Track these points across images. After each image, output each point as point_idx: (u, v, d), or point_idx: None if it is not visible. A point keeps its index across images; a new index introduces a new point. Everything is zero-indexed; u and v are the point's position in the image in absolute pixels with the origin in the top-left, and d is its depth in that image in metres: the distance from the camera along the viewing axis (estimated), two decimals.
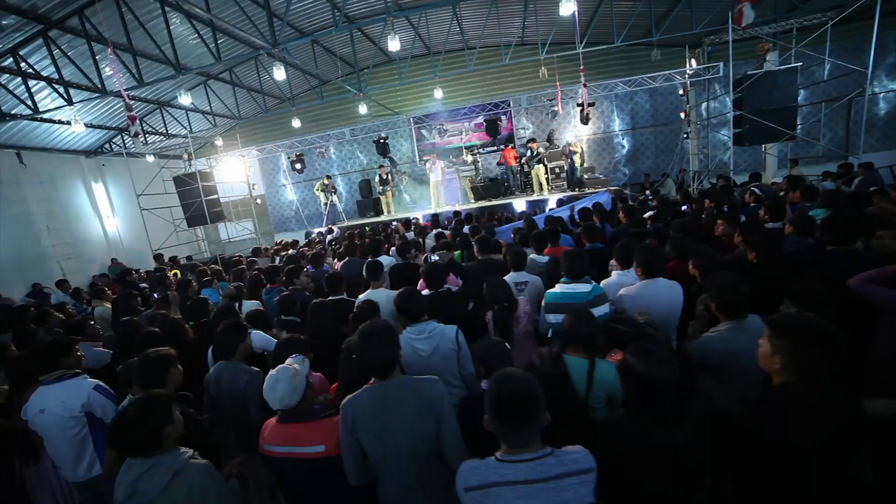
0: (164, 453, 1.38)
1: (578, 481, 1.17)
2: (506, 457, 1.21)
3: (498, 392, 1.20)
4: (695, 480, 1.33)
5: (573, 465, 1.18)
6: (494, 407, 1.20)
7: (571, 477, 1.16)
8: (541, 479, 1.15)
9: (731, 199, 5.86)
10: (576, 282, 2.47)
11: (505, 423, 1.19)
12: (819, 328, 1.30)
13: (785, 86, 7.90)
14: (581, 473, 1.18)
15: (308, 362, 1.71)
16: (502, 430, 1.21)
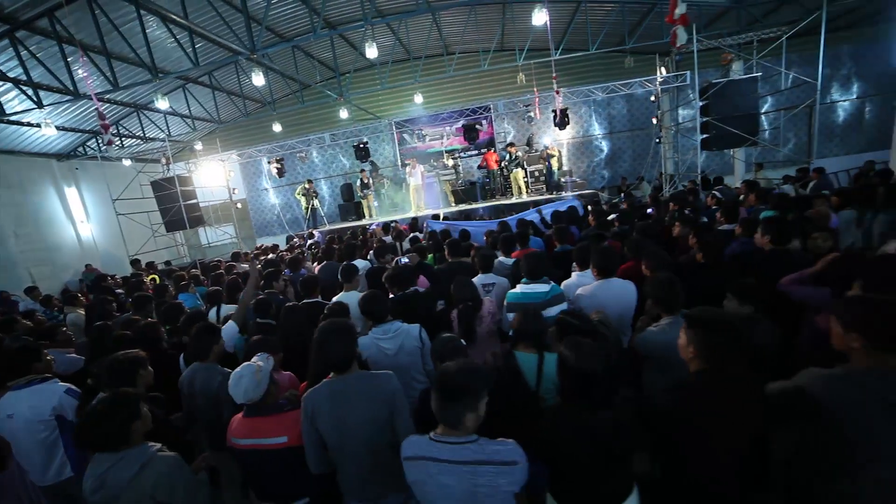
0: (132, 448, 1.46)
1: (495, 470, 1.28)
2: (437, 437, 1.35)
3: (439, 372, 1.35)
4: (622, 460, 1.48)
5: (493, 456, 1.30)
6: (434, 385, 1.34)
7: (489, 465, 1.28)
8: (461, 461, 1.29)
9: (694, 203, 6.16)
10: (535, 282, 2.63)
11: (437, 398, 1.33)
12: (721, 319, 1.46)
13: (747, 94, 8.31)
14: (499, 464, 1.29)
15: (272, 360, 1.81)
16: (436, 406, 1.34)
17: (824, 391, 1.39)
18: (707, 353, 1.43)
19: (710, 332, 1.44)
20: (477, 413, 1.32)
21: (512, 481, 1.30)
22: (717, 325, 1.45)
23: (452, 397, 1.31)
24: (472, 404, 1.31)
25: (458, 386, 1.30)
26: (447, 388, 1.31)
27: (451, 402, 1.31)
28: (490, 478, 1.28)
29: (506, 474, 1.30)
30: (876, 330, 1.33)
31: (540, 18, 6.28)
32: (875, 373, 1.34)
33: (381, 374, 1.69)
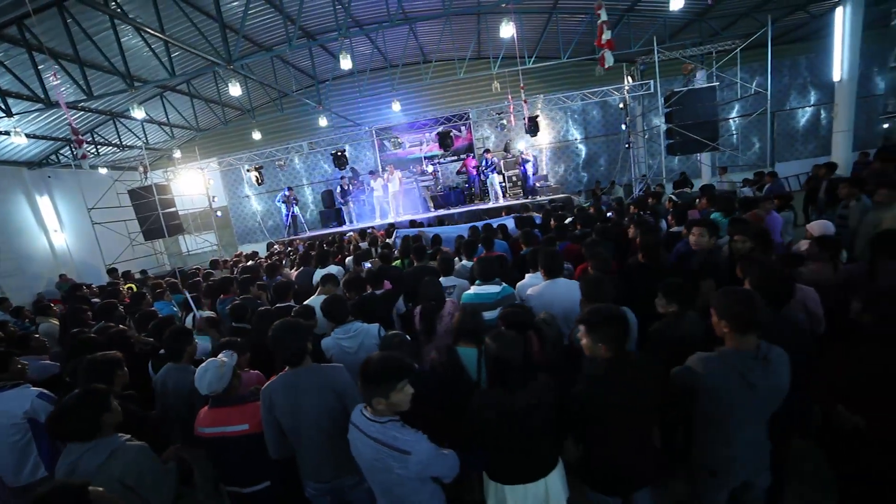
0: (103, 438, 1.62)
1: (388, 453, 1.47)
2: (362, 409, 1.59)
3: (364, 359, 1.56)
4: (540, 437, 1.70)
5: (391, 440, 1.48)
6: (360, 373, 1.55)
7: (385, 447, 1.47)
8: (370, 435, 1.51)
9: (655, 206, 6.51)
10: (487, 284, 2.85)
11: (359, 379, 1.55)
12: (608, 312, 1.70)
13: (706, 102, 8.79)
14: (393, 449, 1.47)
15: (236, 357, 1.99)
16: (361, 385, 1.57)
17: (703, 370, 1.65)
18: (606, 343, 1.66)
19: (599, 323, 1.67)
20: (388, 401, 1.50)
21: (404, 467, 1.45)
22: (605, 317, 1.68)
23: (366, 381, 1.52)
24: (382, 392, 1.49)
25: (373, 373, 1.51)
26: (364, 373, 1.53)
27: (365, 384, 1.52)
28: (384, 458, 1.48)
29: (397, 460, 1.46)
30: (733, 315, 1.59)
31: (507, 31, 6.58)
32: (736, 353, 1.60)
33: (330, 367, 1.89)
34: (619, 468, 1.76)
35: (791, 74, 13.46)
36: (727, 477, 1.74)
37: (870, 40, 8.38)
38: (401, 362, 1.55)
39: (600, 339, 1.67)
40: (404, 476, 1.47)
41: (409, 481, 1.49)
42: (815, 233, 3.19)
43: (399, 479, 1.49)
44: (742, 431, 1.66)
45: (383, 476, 1.52)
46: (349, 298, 2.97)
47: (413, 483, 1.50)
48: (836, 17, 6.33)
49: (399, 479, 1.48)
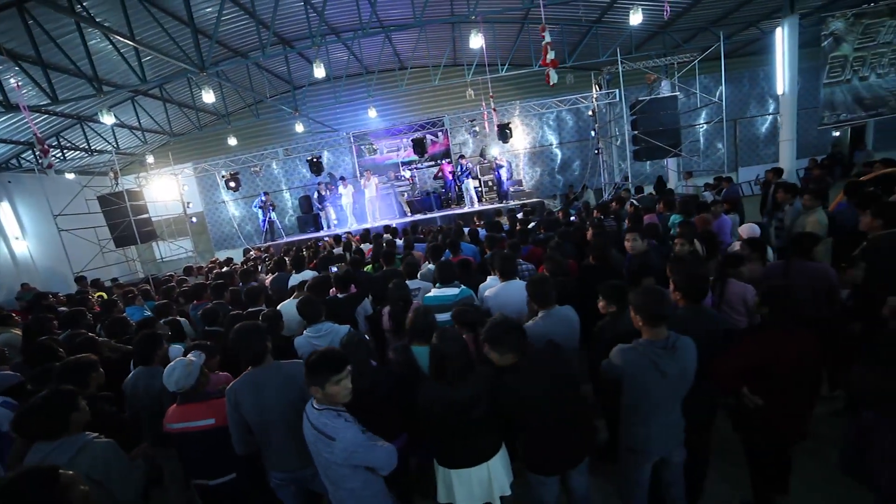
0: (70, 436, 1.72)
1: (315, 436, 1.66)
2: (312, 400, 1.75)
3: (314, 355, 1.73)
4: (480, 425, 1.88)
5: (322, 426, 1.65)
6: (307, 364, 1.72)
7: (317, 432, 1.65)
8: (310, 421, 1.69)
9: (618, 210, 6.86)
10: (446, 286, 3.05)
11: (307, 371, 1.71)
12: (506, 325, 1.88)
13: (669, 110, 9.28)
14: (321, 434, 1.64)
15: (204, 356, 2.12)
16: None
17: (621, 361, 1.88)
18: (515, 352, 1.86)
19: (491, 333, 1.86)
20: (323, 391, 1.67)
21: (330, 452, 1.62)
22: (507, 331, 1.86)
23: (307, 371, 1.69)
24: (319, 382, 1.66)
25: (311, 364, 1.68)
26: (306, 364, 1.70)
27: (306, 374, 1.69)
28: (316, 443, 1.66)
29: (325, 444, 1.62)
30: (644, 309, 1.83)
31: (477, 42, 6.84)
32: (649, 343, 1.84)
33: (290, 363, 2.04)
34: (549, 451, 1.95)
35: (750, 84, 14.26)
36: (645, 454, 1.97)
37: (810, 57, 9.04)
38: (338, 356, 1.71)
39: (507, 349, 1.85)
40: (331, 461, 1.63)
41: (338, 467, 1.64)
42: (744, 235, 3.52)
43: (328, 463, 1.65)
44: (656, 413, 1.89)
45: (319, 460, 1.69)
46: None
47: (342, 469, 1.65)
48: (777, 35, 6.85)
49: (327, 462, 1.65)
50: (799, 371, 2.02)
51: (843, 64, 6.88)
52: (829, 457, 2.64)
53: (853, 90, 7.02)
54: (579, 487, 2.04)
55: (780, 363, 2.00)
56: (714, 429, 2.46)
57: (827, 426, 2.94)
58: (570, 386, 1.95)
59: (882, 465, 1.78)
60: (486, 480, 1.95)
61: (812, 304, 2.73)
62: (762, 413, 2.09)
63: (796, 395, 2.08)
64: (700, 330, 2.15)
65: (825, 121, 7.34)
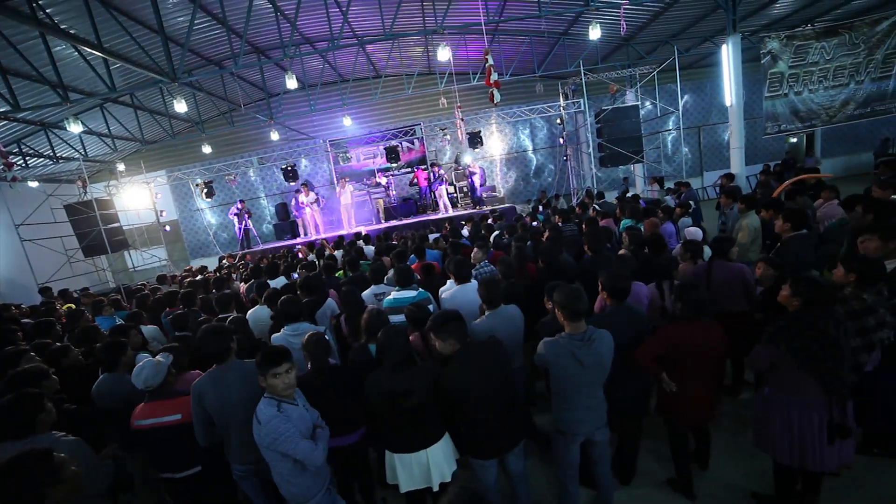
0: (38, 435, 1.85)
1: (254, 419, 1.90)
2: None
3: None
4: (417, 414, 2.08)
5: (257, 411, 1.90)
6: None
7: (255, 416, 1.91)
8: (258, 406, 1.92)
9: (581, 215, 7.23)
10: (405, 289, 3.26)
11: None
12: (445, 315, 2.13)
13: (631, 119, 9.79)
14: (255, 418, 1.90)
15: (172, 357, 2.27)
16: None
17: (546, 352, 2.13)
18: (456, 339, 2.09)
19: (445, 326, 2.09)
20: (265, 380, 1.92)
21: (258, 434, 1.86)
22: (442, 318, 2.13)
23: (264, 366, 1.91)
24: (262, 371, 1.91)
25: (259, 356, 1.92)
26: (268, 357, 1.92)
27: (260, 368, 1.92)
28: (259, 428, 1.88)
29: (255, 426, 1.88)
30: (564, 306, 2.09)
31: (444, 55, 7.12)
32: (569, 336, 2.10)
33: (251, 361, 2.21)
34: (486, 437, 2.17)
35: (712, 94, 15.06)
36: (571, 435, 2.23)
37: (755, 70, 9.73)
38: (278, 352, 1.93)
39: (447, 336, 2.08)
40: (259, 443, 1.87)
41: (265, 450, 1.88)
42: (687, 238, 3.87)
43: (258, 446, 1.88)
44: (578, 398, 2.15)
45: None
46: None
47: (269, 453, 1.88)
48: (723, 51, 7.40)
49: (258, 445, 1.88)
50: (705, 356, 2.33)
51: (780, 79, 7.50)
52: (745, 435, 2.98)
53: (790, 103, 7.64)
54: (516, 469, 2.27)
55: (690, 350, 2.30)
56: (647, 412, 2.75)
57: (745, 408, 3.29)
58: (505, 376, 2.19)
59: (778, 438, 2.09)
60: (425, 465, 2.13)
61: (729, 299, 3.07)
62: (676, 396, 2.38)
63: (703, 378, 2.38)
64: (625, 325, 2.44)
65: (768, 130, 7.94)
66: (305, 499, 1.96)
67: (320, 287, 3.72)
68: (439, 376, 2.09)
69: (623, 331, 2.37)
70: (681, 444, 2.56)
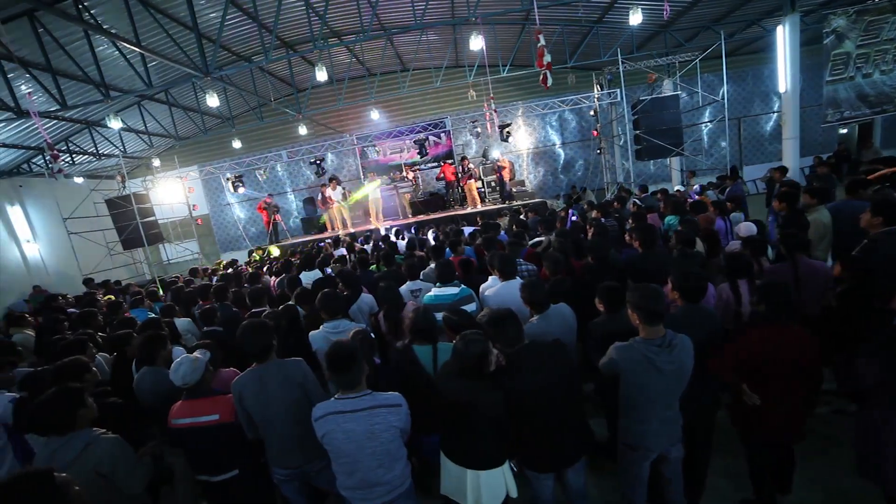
0: (78, 431, 1.77)
1: (386, 411, 1.75)
2: (339, 396, 1.79)
3: (328, 352, 1.78)
4: (484, 429, 1.89)
5: (383, 401, 1.76)
6: (326, 362, 1.77)
7: (381, 408, 1.74)
8: (359, 409, 1.73)
9: (620, 210, 6.85)
10: (446, 286, 3.08)
11: (332, 371, 1.76)
12: (497, 315, 1.98)
13: (671, 109, 9.25)
14: (389, 406, 1.76)
15: (209, 354, 2.17)
16: (333, 377, 1.78)
17: (618, 358, 1.90)
18: (506, 342, 1.93)
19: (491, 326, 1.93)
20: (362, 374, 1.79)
21: (399, 418, 1.77)
22: (496, 319, 1.96)
23: (344, 369, 1.76)
24: (358, 369, 1.77)
25: (345, 360, 1.75)
26: (338, 364, 1.76)
27: (344, 372, 1.76)
28: (383, 416, 1.75)
29: (394, 413, 1.77)
30: (641, 308, 1.85)
31: (477, 44, 6.87)
32: (645, 341, 1.86)
33: (292, 361, 2.09)
34: (546, 448, 1.96)
35: (754, 82, 14.16)
36: (644, 451, 1.99)
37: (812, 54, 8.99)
38: (355, 346, 1.83)
39: (505, 338, 1.93)
40: (396, 426, 1.77)
41: (394, 431, 1.78)
42: (742, 234, 3.51)
43: (392, 436, 1.77)
44: (653, 410, 1.91)
45: (373, 443, 1.75)
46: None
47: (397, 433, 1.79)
48: (778, 33, 6.81)
49: (392, 435, 1.77)
50: (793, 365, 2.03)
51: (846, 61, 6.83)
52: (835, 456, 2.64)
53: (857, 87, 6.96)
54: (576, 484, 2.06)
55: (776, 360, 2.01)
56: (716, 425, 2.47)
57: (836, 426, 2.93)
58: (570, 384, 1.97)
59: (893, 467, 1.78)
60: (475, 487, 1.93)
61: (812, 301, 2.73)
62: (759, 410, 2.10)
63: (792, 392, 2.09)
64: (698, 329, 2.16)
65: (829, 118, 7.29)
66: None
67: (356, 282, 3.58)
68: (500, 381, 1.89)
69: (696, 334, 2.10)
70: (761, 463, 2.28)
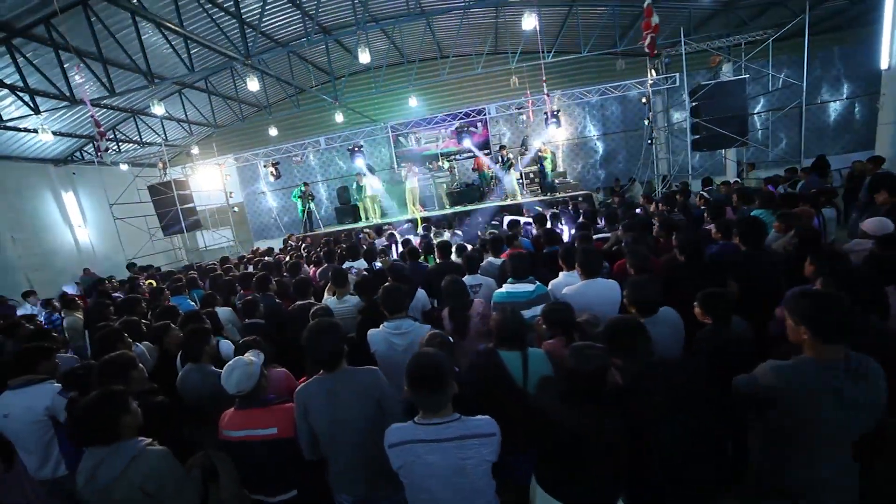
0: (123, 441, 1.53)
1: (478, 443, 1.39)
2: (421, 420, 1.44)
3: (413, 366, 1.43)
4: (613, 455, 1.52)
5: (475, 430, 1.40)
6: (409, 378, 1.43)
7: (473, 439, 1.38)
8: (447, 438, 1.38)
9: (684, 203, 6.25)
10: (520, 282, 2.70)
11: (417, 391, 1.42)
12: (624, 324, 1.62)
13: (736, 95, 8.42)
14: (481, 437, 1.40)
15: (263, 356, 1.88)
16: (417, 397, 1.43)
17: (778, 382, 1.47)
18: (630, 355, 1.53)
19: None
20: (451, 393, 1.43)
21: (492, 451, 1.42)
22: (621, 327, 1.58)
23: (433, 389, 1.41)
24: (447, 388, 1.41)
25: (435, 378, 1.40)
26: (426, 382, 1.41)
27: (432, 392, 1.41)
28: (475, 449, 1.39)
29: (487, 445, 1.41)
30: (818, 320, 1.41)
31: (530, 23, 6.38)
32: (817, 363, 1.42)
33: (368, 371, 1.77)
34: (671, 485, 1.58)
35: (823, 66, 12.86)
36: None
37: None
38: (445, 358, 1.49)
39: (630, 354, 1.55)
40: (489, 461, 1.42)
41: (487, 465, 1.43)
42: (873, 232, 2.93)
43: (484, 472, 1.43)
44: (829, 452, 1.47)
45: (462, 480, 1.41)
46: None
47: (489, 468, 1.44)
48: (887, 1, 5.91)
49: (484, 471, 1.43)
50: None
51: None
52: None
53: None
54: None
55: None
56: None
57: None
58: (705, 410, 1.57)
59: None
60: None
61: None
62: None
63: None
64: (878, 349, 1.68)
65: None
66: None
67: (410, 276, 3.25)
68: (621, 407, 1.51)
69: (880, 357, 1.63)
70: None
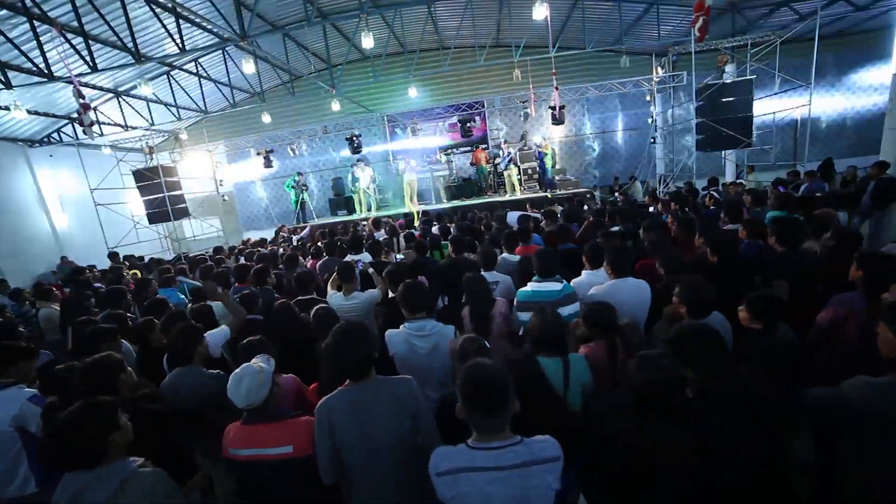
0: (110, 463, 1.28)
1: (544, 469, 1.20)
2: (476, 444, 1.23)
3: (471, 380, 1.21)
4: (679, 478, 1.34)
5: (540, 454, 1.21)
6: (467, 395, 1.21)
7: (537, 465, 1.19)
8: (509, 466, 1.18)
9: (694, 202, 6.15)
10: (547, 280, 2.50)
11: (477, 411, 1.20)
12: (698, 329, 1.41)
13: (741, 96, 8.36)
14: (547, 462, 1.20)
15: (273, 362, 1.64)
16: (474, 418, 1.22)
17: (873, 401, 1.30)
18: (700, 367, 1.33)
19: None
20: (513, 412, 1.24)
21: (556, 476, 1.24)
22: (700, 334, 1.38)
23: (497, 411, 1.19)
24: (510, 408, 1.22)
25: (500, 397, 1.19)
26: (489, 402, 1.20)
27: (495, 414, 1.20)
28: (540, 477, 1.20)
29: (551, 470, 1.23)
30: None
31: (540, 13, 6.16)
32: None
33: (395, 380, 1.55)
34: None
35: (818, 72, 12.94)
36: None
37: None
38: (506, 372, 1.26)
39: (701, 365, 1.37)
40: (555, 488, 1.21)
41: (552, 493, 1.22)
42: None
43: (547, 499, 1.22)
44: None
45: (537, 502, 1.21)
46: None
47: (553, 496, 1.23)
48: None
49: (548, 498, 1.22)
50: None
51: None
52: None
53: None
54: None
55: None
56: None
57: None
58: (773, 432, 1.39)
59: None
60: None
61: None
62: None
63: None
64: None
65: None
66: None
67: (436, 273, 3.03)
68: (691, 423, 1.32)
69: None
70: None
